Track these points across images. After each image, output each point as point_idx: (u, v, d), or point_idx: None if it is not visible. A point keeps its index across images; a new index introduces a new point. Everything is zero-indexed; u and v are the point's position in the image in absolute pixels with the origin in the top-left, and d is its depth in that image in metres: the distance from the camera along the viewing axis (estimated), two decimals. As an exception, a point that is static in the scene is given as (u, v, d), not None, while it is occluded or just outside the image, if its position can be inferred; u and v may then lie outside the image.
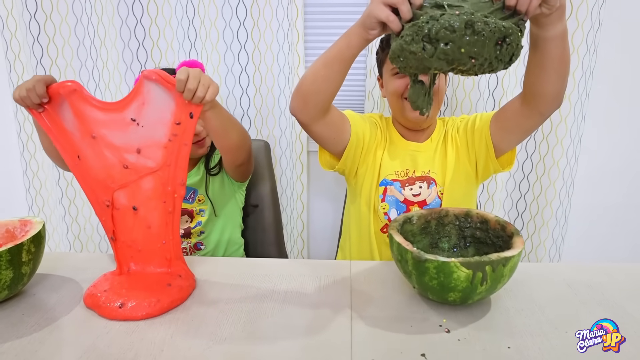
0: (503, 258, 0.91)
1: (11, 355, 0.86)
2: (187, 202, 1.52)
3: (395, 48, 0.93)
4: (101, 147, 1.07)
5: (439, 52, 0.87)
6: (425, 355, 0.85)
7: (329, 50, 1.16)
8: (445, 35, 0.86)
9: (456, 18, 0.85)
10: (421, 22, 0.87)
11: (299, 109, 1.25)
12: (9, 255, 0.95)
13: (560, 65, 1.12)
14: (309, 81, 1.20)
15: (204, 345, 0.88)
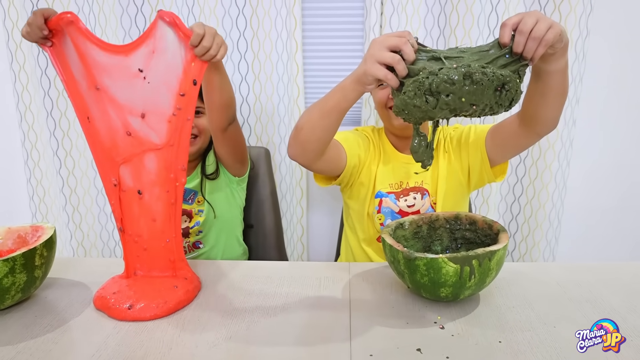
0: (489, 252, 0.96)
1: (27, 354, 0.90)
2: (186, 203, 1.54)
3: (399, 103, 0.97)
4: (105, 102, 1.09)
5: (441, 103, 0.92)
6: (421, 349, 0.89)
7: (326, 102, 1.17)
8: (446, 88, 0.90)
9: (454, 71, 0.90)
10: (422, 78, 0.92)
11: (298, 155, 1.27)
12: (23, 259, 1.00)
13: (560, 93, 1.16)
14: (307, 131, 1.21)
15: (210, 343, 0.93)
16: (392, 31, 1.79)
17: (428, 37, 1.88)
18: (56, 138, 2.08)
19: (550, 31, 0.92)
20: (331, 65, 2.04)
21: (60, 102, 2.04)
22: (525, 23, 0.91)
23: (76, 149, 2.10)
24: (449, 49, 0.97)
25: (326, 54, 2.03)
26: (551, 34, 0.92)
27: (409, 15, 1.83)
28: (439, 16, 1.86)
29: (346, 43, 2.00)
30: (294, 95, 1.94)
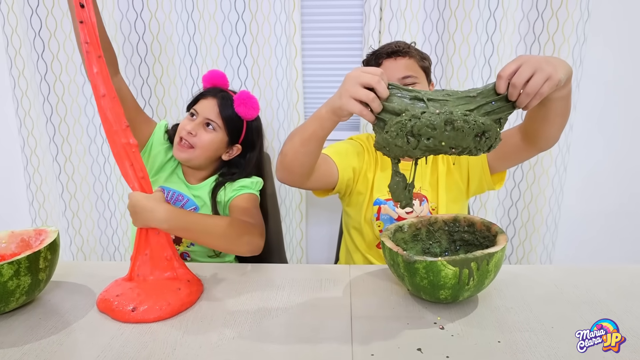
0: (487, 254, 0.98)
1: (32, 355, 0.91)
2: None
3: (381, 140, 0.99)
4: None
5: (422, 144, 0.95)
6: (421, 349, 0.91)
7: (304, 130, 1.17)
8: (427, 132, 0.93)
9: (436, 117, 0.92)
10: (404, 120, 0.94)
11: (286, 178, 1.29)
12: (28, 262, 1.01)
13: (562, 115, 1.19)
14: (290, 158, 1.23)
15: (213, 344, 0.94)
16: (391, 37, 1.82)
17: (427, 42, 1.90)
18: (55, 144, 2.09)
19: (546, 84, 0.93)
20: (330, 70, 2.06)
21: (59, 107, 2.05)
22: (520, 75, 0.92)
23: (75, 155, 2.11)
24: (435, 90, 0.99)
25: (325, 59, 2.05)
26: (547, 87, 0.93)
27: (407, 20, 1.85)
28: (437, 21, 1.88)
29: (345, 48, 2.02)
30: (294, 100, 1.96)
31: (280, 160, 1.25)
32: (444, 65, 1.92)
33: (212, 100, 1.50)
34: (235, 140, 1.54)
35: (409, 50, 1.44)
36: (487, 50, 1.87)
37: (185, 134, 1.47)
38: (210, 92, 1.53)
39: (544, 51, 1.87)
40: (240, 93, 1.52)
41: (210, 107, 1.50)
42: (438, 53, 1.92)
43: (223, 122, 1.50)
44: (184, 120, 1.51)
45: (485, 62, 1.89)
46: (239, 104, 1.50)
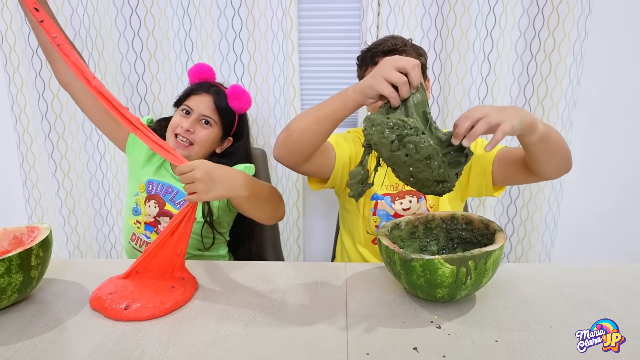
0: (485, 252, 0.96)
1: (24, 354, 0.90)
2: (173, 206, 1.52)
3: (377, 119, 1.00)
4: None
5: (399, 154, 0.98)
6: (418, 348, 0.90)
7: (322, 108, 1.17)
8: (411, 150, 0.96)
9: (427, 145, 0.96)
10: (409, 123, 0.97)
11: (285, 157, 1.26)
12: (19, 260, 0.99)
13: (553, 157, 1.20)
14: (298, 135, 1.21)
15: (207, 343, 0.93)
16: (388, 31, 1.81)
17: (425, 38, 1.89)
18: (51, 141, 2.08)
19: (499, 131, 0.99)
20: (328, 66, 2.04)
21: (55, 104, 2.03)
22: (475, 132, 0.98)
23: (71, 152, 2.10)
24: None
25: (323, 55, 2.03)
26: (498, 134, 0.99)
27: (405, 16, 1.84)
28: (436, 17, 1.87)
29: (343, 44, 2.01)
30: (290, 97, 1.95)
31: (285, 137, 1.22)
32: (442, 61, 1.91)
33: (206, 96, 1.51)
34: (228, 133, 1.56)
35: (405, 49, 1.42)
36: (487, 46, 1.86)
37: (182, 132, 1.47)
38: (202, 87, 1.53)
39: (545, 47, 1.86)
40: (233, 87, 1.53)
41: (205, 103, 1.50)
42: (437, 49, 1.90)
43: (219, 118, 1.51)
44: (177, 117, 1.50)
45: (485, 58, 1.87)
46: (233, 99, 1.51)
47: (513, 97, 1.96)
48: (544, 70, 1.88)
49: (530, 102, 1.93)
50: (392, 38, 1.46)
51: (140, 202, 1.54)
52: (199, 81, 1.57)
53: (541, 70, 1.89)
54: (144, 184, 1.55)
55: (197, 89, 1.53)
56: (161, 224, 1.53)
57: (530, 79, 1.91)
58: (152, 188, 1.53)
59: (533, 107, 1.93)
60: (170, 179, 1.54)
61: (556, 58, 1.85)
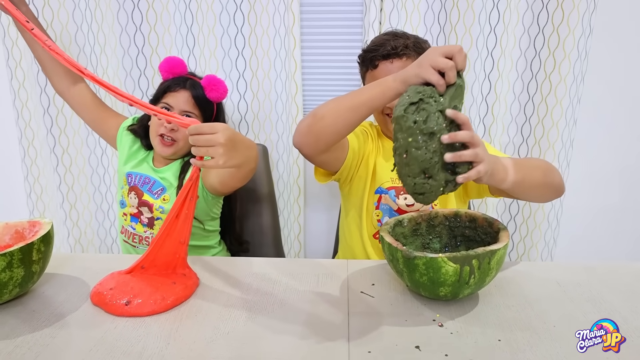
0: (489, 251, 0.96)
1: (25, 348, 0.90)
2: (151, 196, 1.53)
3: (413, 92, 0.98)
4: None
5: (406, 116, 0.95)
6: (420, 347, 0.89)
7: (358, 95, 1.15)
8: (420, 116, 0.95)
9: (436, 120, 0.94)
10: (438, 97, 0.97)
11: (309, 144, 1.24)
12: (21, 254, 0.99)
13: (531, 194, 1.21)
14: (328, 122, 1.18)
15: (208, 339, 0.92)
16: (391, 26, 1.80)
17: (428, 34, 1.88)
18: (53, 135, 2.07)
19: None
20: (330, 62, 2.03)
21: (57, 99, 2.02)
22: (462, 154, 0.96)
23: (73, 147, 2.10)
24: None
25: (325, 51, 2.02)
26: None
27: (408, 11, 1.83)
28: (439, 13, 1.86)
29: (345, 40, 2.00)
30: (292, 92, 1.94)
31: (311, 123, 1.20)
32: (445, 58, 1.90)
33: (184, 92, 1.51)
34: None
35: (406, 51, 1.39)
36: (490, 42, 1.85)
37: (166, 131, 1.48)
38: (177, 83, 1.53)
39: (548, 44, 1.85)
40: (208, 78, 1.54)
41: (184, 99, 1.51)
42: (440, 45, 1.89)
43: (199, 111, 1.53)
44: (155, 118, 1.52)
45: (488, 54, 1.86)
46: (210, 90, 1.53)
47: (516, 94, 1.95)
48: (548, 67, 1.87)
49: (534, 99, 1.92)
50: (394, 37, 1.42)
51: (124, 194, 1.58)
52: (172, 76, 1.56)
53: (545, 67, 1.88)
54: (124, 177, 1.59)
55: (173, 85, 1.52)
56: (143, 214, 1.55)
57: (534, 75, 1.90)
58: (131, 180, 1.56)
59: (537, 104, 1.92)
60: (148, 171, 1.57)
61: (560, 55, 1.84)
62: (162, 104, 1.51)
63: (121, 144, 1.64)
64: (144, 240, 1.56)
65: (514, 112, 1.97)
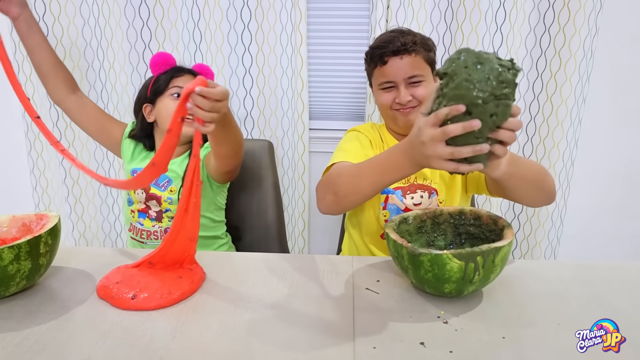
0: (494, 248, 0.96)
1: (31, 340, 0.90)
2: (158, 189, 1.56)
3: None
4: None
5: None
6: (424, 343, 0.89)
7: (380, 176, 1.11)
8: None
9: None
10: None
11: (336, 213, 1.27)
12: (28, 247, 1.00)
13: (523, 190, 1.18)
14: (354, 199, 1.20)
15: (213, 333, 0.93)
16: (397, 24, 1.79)
17: (434, 32, 1.88)
18: (59, 129, 2.08)
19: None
20: (336, 59, 2.04)
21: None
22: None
23: (79, 140, 2.11)
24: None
25: (331, 48, 2.03)
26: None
27: (415, 9, 1.83)
28: (445, 11, 1.86)
29: (351, 37, 2.01)
30: (298, 89, 1.94)
31: (335, 200, 1.21)
32: (451, 56, 1.90)
33: (188, 75, 1.58)
34: None
35: (415, 47, 1.40)
36: (496, 41, 1.85)
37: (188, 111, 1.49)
38: (179, 70, 1.58)
39: (554, 43, 1.85)
40: (199, 65, 1.62)
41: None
42: (446, 43, 1.89)
43: None
44: (170, 102, 1.54)
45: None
46: (205, 75, 1.60)
47: (522, 93, 1.95)
48: (554, 66, 1.87)
49: (539, 98, 1.93)
50: (401, 34, 1.43)
51: (131, 192, 1.59)
52: (164, 69, 1.58)
53: (551, 66, 1.88)
54: (129, 175, 1.61)
55: (176, 72, 1.57)
56: (151, 208, 1.57)
57: (540, 74, 1.90)
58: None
59: (542, 103, 1.92)
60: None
61: (566, 54, 1.84)
62: (173, 90, 1.54)
63: (124, 149, 1.67)
64: (152, 235, 1.58)
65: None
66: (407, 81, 1.40)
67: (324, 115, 2.14)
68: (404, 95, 1.40)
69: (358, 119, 2.11)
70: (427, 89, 1.42)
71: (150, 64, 1.57)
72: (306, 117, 1.99)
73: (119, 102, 2.03)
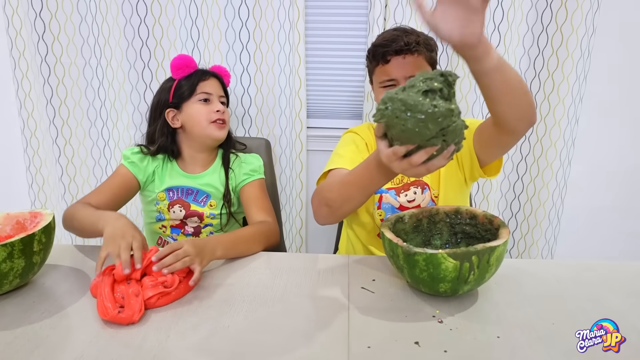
0: (489, 248, 0.95)
1: (24, 339, 0.90)
2: (198, 205, 1.54)
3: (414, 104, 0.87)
4: None
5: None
6: (419, 343, 0.89)
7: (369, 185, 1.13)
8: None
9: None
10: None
11: (334, 222, 1.28)
12: (21, 245, 0.99)
13: (509, 95, 1.09)
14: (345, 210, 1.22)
15: (208, 332, 0.92)
16: (396, 23, 1.79)
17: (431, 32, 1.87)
18: (55, 126, 2.08)
19: None
20: (334, 57, 2.03)
21: (60, 89, 2.03)
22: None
23: (75, 137, 2.10)
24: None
25: (329, 46, 2.02)
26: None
27: (413, 8, 1.82)
28: (443, 10, 1.85)
29: (350, 35, 2.00)
30: (296, 87, 1.94)
31: (330, 212, 1.22)
32: (449, 55, 1.90)
33: (214, 80, 1.58)
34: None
35: (418, 47, 1.39)
36: (494, 40, 1.85)
37: (219, 115, 1.53)
38: (204, 73, 1.57)
39: (552, 42, 1.84)
40: (217, 67, 1.63)
41: (217, 86, 1.58)
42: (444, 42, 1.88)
43: (226, 96, 1.63)
44: (202, 107, 1.52)
45: (492, 53, 1.86)
46: (224, 76, 1.63)
47: (520, 92, 1.94)
48: (551, 65, 1.87)
49: (537, 97, 1.92)
50: (405, 33, 1.41)
51: (163, 210, 1.55)
52: (187, 73, 1.55)
53: (548, 66, 1.88)
54: (163, 193, 1.54)
55: (202, 75, 1.56)
56: (188, 224, 1.56)
57: (537, 74, 1.90)
58: (173, 195, 1.55)
59: (539, 103, 1.92)
60: (186, 182, 1.56)
61: (564, 53, 1.84)
62: (202, 94, 1.54)
63: (147, 178, 1.55)
64: None
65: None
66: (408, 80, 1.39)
67: (322, 113, 2.14)
68: None
69: (356, 117, 2.11)
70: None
71: (172, 67, 1.55)
72: (304, 115, 1.98)
73: (116, 99, 2.02)
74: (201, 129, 1.52)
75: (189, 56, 1.58)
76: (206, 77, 1.56)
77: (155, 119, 1.58)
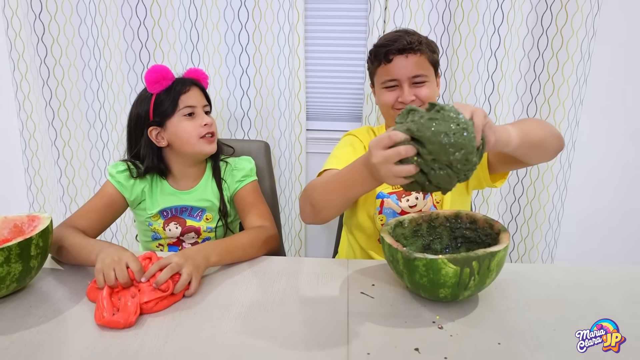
0: (489, 253, 0.95)
1: (21, 344, 0.89)
2: (194, 220, 1.51)
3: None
4: None
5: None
6: (419, 349, 0.88)
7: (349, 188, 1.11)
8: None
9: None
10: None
11: (320, 223, 1.27)
12: (19, 249, 0.99)
13: (539, 152, 1.16)
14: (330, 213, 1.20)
15: (205, 338, 0.92)
16: (395, 26, 1.79)
17: (432, 33, 1.87)
18: (54, 128, 2.07)
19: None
20: (334, 59, 2.03)
21: (59, 91, 2.03)
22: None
23: (74, 140, 2.09)
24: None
25: (329, 48, 2.02)
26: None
27: (413, 10, 1.82)
28: (443, 12, 1.85)
29: (349, 38, 2.00)
30: (295, 89, 1.93)
31: (314, 212, 1.21)
32: (449, 57, 1.89)
33: (195, 89, 1.46)
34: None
35: (421, 47, 1.39)
36: (494, 42, 1.84)
37: (207, 129, 1.44)
38: (184, 83, 1.44)
39: (552, 45, 1.84)
40: (193, 71, 1.50)
41: (199, 96, 1.47)
42: (444, 44, 1.88)
43: (209, 103, 1.51)
44: (187, 123, 1.42)
45: (492, 55, 1.86)
46: (202, 80, 1.51)
47: (519, 95, 1.94)
48: (551, 68, 1.87)
49: (537, 100, 1.92)
50: (407, 34, 1.41)
51: (157, 229, 1.51)
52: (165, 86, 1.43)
53: (548, 68, 1.87)
54: (157, 214, 1.49)
55: (182, 87, 1.43)
56: (185, 241, 1.53)
57: (537, 76, 1.90)
58: (167, 214, 1.50)
59: (539, 105, 1.92)
60: (178, 201, 1.50)
61: (564, 56, 1.83)
62: (186, 108, 1.42)
63: (135, 198, 1.49)
64: None
65: (517, 112, 1.96)
66: (411, 80, 1.39)
67: (322, 115, 2.13)
68: (407, 94, 1.38)
69: (355, 120, 2.10)
70: (431, 89, 1.41)
71: (147, 81, 1.42)
72: (303, 118, 1.98)
73: (115, 101, 2.02)
74: (190, 146, 1.43)
75: (165, 67, 1.43)
76: (186, 87, 1.43)
77: (137, 137, 1.47)
